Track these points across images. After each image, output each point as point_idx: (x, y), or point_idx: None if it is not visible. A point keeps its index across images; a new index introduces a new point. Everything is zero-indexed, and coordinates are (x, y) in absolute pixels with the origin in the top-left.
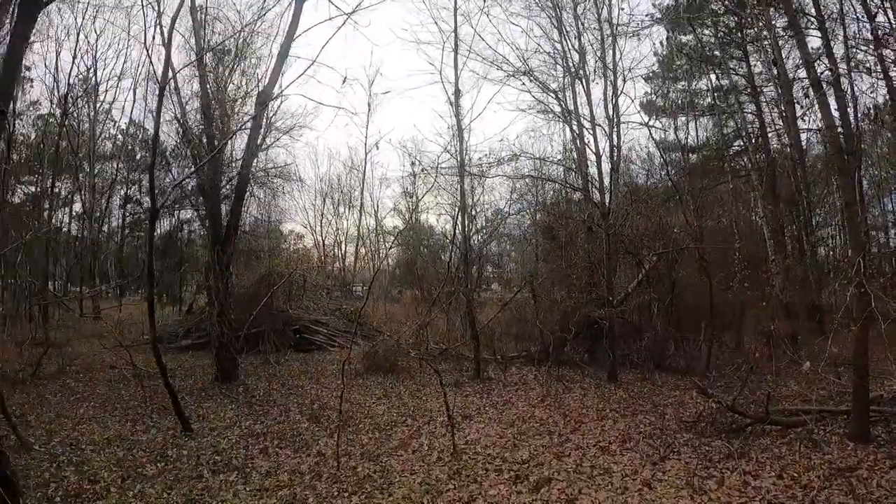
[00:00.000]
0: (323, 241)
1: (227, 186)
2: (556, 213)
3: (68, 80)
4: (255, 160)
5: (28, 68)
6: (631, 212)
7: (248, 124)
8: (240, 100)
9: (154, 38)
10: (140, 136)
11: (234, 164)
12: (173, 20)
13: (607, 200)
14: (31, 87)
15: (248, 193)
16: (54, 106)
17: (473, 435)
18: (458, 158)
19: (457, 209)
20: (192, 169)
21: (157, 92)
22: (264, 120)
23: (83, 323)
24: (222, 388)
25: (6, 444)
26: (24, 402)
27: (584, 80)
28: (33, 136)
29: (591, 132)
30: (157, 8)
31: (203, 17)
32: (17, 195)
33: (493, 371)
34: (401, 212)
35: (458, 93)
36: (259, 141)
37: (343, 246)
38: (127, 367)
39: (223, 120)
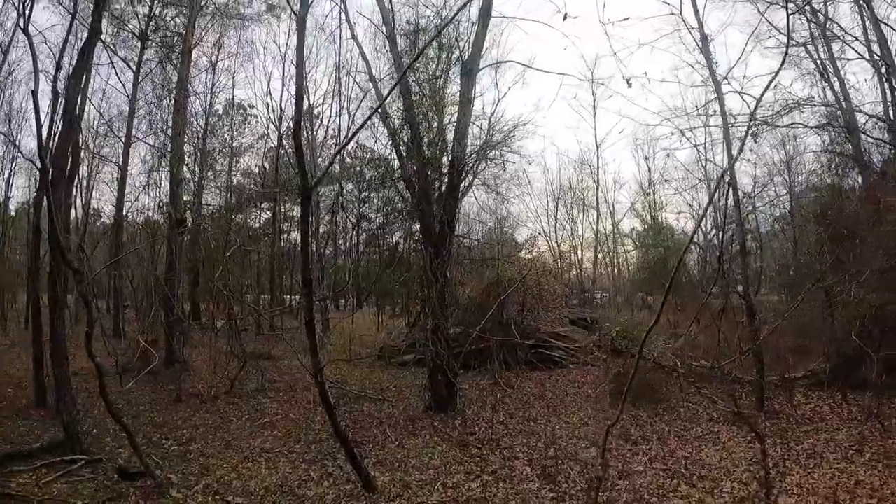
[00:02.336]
0: (559, 246)
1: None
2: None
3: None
4: (472, 146)
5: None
6: None
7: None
8: (441, 76)
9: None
10: (367, 157)
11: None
12: None
13: None
14: (257, 121)
15: (466, 183)
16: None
17: None
18: (723, 120)
19: (723, 186)
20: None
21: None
22: (472, 93)
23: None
24: (434, 420)
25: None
26: (203, 423)
27: None
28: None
29: None
30: None
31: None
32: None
33: (777, 399)
34: (637, 211)
35: (704, 39)
36: (470, 117)
37: (580, 251)
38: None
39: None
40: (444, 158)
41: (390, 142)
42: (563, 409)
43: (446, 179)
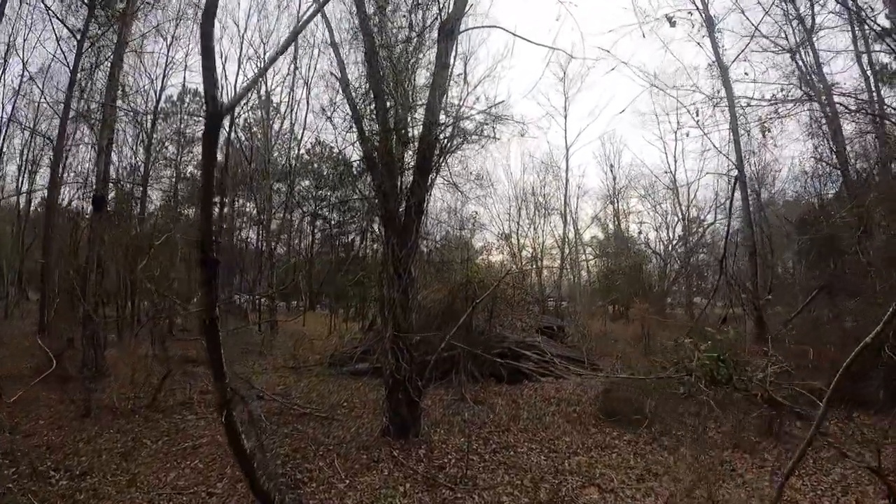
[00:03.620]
0: (519, 252)
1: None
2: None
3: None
4: (445, 116)
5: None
6: None
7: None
8: (415, 38)
9: None
10: (325, 154)
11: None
12: None
13: None
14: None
15: (440, 158)
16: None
17: None
18: (730, 107)
19: (731, 179)
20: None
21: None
22: (452, 57)
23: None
24: (394, 448)
25: None
26: (110, 446)
27: None
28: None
29: None
30: None
31: None
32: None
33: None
34: (600, 220)
35: (710, 22)
36: (446, 83)
37: (539, 258)
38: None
39: (392, 63)
40: (415, 131)
41: (350, 114)
42: (543, 432)
43: (415, 155)
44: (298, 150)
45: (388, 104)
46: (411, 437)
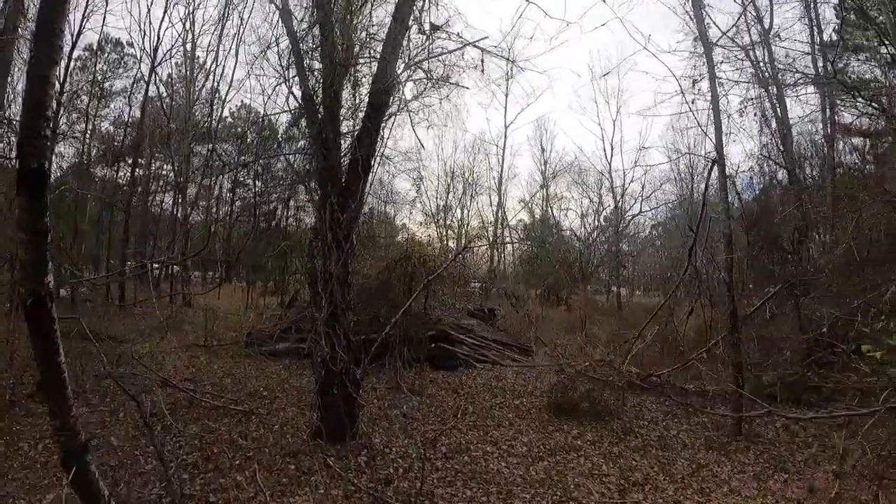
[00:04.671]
0: (445, 232)
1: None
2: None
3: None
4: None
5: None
6: None
7: None
8: None
9: None
10: (250, 118)
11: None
12: None
13: None
14: (135, 62)
15: (397, 108)
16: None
17: None
18: (711, 87)
19: (709, 162)
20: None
21: None
22: None
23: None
24: (329, 455)
25: None
26: None
27: None
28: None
29: None
30: None
31: None
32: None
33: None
34: (529, 205)
35: None
36: (410, 14)
37: (462, 239)
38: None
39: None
40: (368, 69)
41: (290, 47)
42: (496, 431)
43: (367, 99)
44: (222, 110)
45: (336, 34)
46: (348, 440)
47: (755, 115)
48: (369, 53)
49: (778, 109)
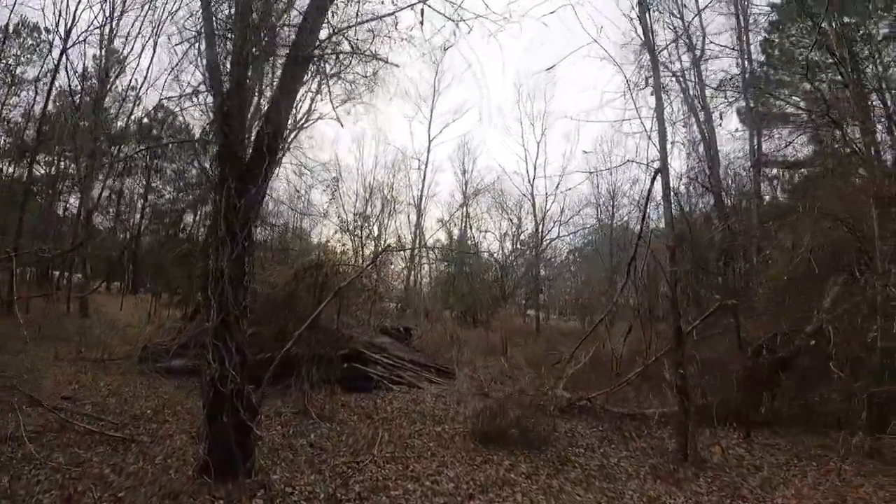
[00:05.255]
0: (362, 247)
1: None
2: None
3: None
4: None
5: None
6: None
7: None
8: None
9: None
10: (168, 121)
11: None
12: None
13: None
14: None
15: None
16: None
17: None
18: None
19: (652, 171)
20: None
21: None
22: None
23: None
24: (214, 496)
25: None
26: None
27: None
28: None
29: None
30: None
31: None
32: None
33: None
34: (447, 225)
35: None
36: None
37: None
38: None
39: None
40: (287, 34)
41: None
42: (416, 463)
43: (283, 67)
44: (135, 106)
45: None
46: (241, 477)
47: (683, 141)
48: (288, 19)
49: (706, 134)
